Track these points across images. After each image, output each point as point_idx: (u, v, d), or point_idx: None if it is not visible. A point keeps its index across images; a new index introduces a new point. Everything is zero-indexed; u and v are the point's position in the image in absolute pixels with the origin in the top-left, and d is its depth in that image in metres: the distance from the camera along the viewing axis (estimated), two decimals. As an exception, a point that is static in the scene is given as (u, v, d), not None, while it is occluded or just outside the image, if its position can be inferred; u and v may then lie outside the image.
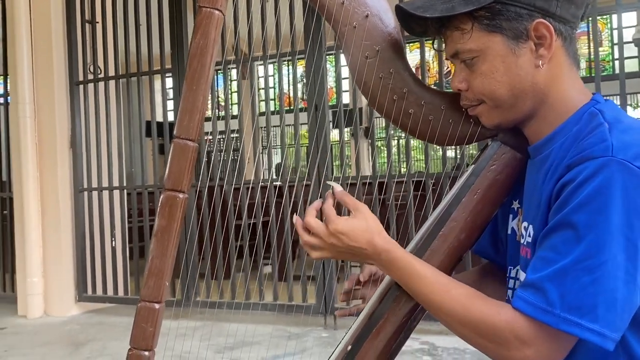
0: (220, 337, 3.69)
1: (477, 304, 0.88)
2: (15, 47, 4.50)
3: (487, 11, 0.91)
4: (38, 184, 4.50)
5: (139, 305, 1.03)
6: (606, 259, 0.80)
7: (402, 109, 1.05)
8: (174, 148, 1.04)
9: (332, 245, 0.97)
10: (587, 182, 0.82)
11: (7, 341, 3.81)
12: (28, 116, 4.47)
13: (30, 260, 4.46)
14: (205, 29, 1.04)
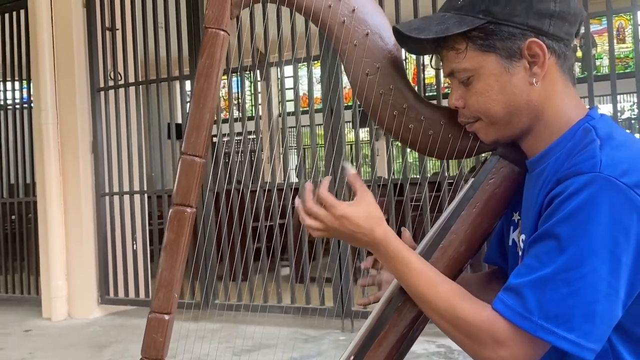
0: (238, 340, 3.74)
1: (459, 302, 0.91)
2: (37, 54, 4.60)
3: (480, 31, 0.94)
4: (61, 188, 4.60)
5: (150, 316, 1.08)
6: (586, 272, 0.82)
7: (403, 124, 1.08)
8: (182, 164, 1.08)
9: (334, 228, 0.99)
10: (573, 196, 0.84)
11: (32, 343, 3.90)
12: (50, 122, 4.56)
13: (54, 264, 4.56)
14: (211, 49, 1.08)
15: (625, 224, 0.83)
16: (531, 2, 0.92)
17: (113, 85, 4.59)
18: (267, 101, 5.30)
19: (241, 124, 4.12)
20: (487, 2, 0.93)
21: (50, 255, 4.57)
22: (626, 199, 0.83)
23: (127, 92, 4.54)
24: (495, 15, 0.93)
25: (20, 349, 3.75)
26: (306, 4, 1.09)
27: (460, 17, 0.95)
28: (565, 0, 0.94)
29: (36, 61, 4.64)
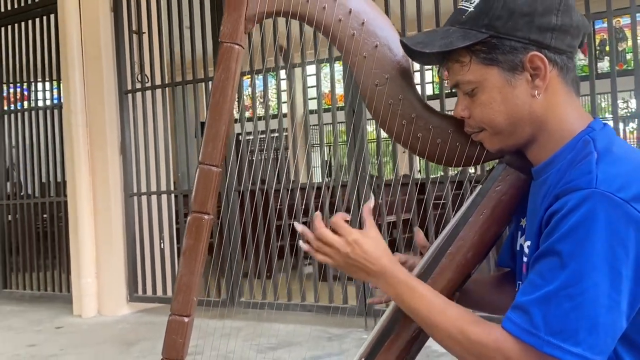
0: (262, 337, 3.80)
1: (469, 325, 0.94)
2: (67, 58, 4.72)
3: (483, 45, 0.96)
4: (91, 189, 4.71)
5: (170, 319, 1.13)
6: (588, 287, 0.84)
7: (411, 133, 1.11)
8: (199, 173, 1.13)
9: (346, 254, 1.03)
10: (571, 213, 0.86)
11: (64, 340, 4.02)
12: (80, 124, 4.68)
13: (84, 262, 4.68)
14: (226, 63, 1.13)
15: (623, 238, 0.85)
16: (533, 16, 0.95)
17: (140, 87, 4.69)
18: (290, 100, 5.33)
19: (265, 122, 4.17)
20: (490, 17, 0.96)
21: (80, 254, 4.69)
22: (623, 213, 0.85)
23: (154, 94, 4.63)
24: (498, 30, 0.96)
25: (51, 346, 3.87)
26: (317, 17, 1.12)
27: (464, 31, 0.98)
28: (567, 14, 0.96)
29: (66, 64, 4.76)
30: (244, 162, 4.87)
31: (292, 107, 5.99)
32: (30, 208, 5.46)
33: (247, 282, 4.31)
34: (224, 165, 4.27)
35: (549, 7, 0.95)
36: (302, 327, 3.92)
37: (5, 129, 5.65)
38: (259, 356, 3.43)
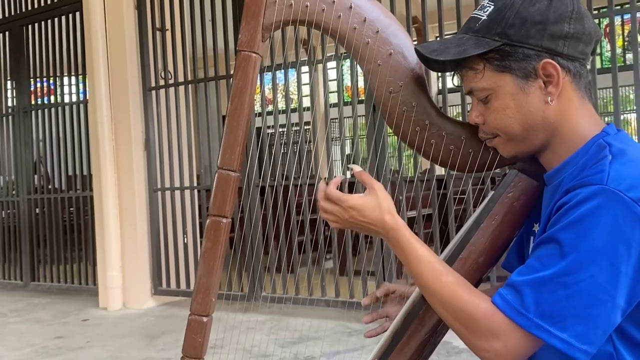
0: (284, 332, 3.85)
1: (461, 292, 0.97)
2: (92, 55, 4.80)
3: (496, 53, 0.98)
4: (116, 184, 4.80)
5: (189, 318, 1.17)
6: (584, 278, 0.87)
7: (425, 140, 1.13)
8: (217, 178, 1.17)
9: (346, 219, 1.07)
10: (579, 205, 0.89)
11: (90, 332, 4.11)
12: (105, 121, 4.76)
13: (110, 255, 4.77)
14: (244, 71, 1.16)
15: (627, 236, 0.86)
16: (545, 24, 0.96)
17: (164, 84, 4.75)
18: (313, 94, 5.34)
19: (286, 116, 4.21)
20: (503, 25, 0.97)
21: (106, 248, 4.79)
22: (630, 212, 0.87)
23: (177, 91, 4.69)
24: (511, 38, 0.97)
25: (78, 338, 3.96)
26: (332, 26, 1.15)
27: (478, 39, 1.00)
28: (579, 22, 0.97)
29: (91, 61, 4.85)
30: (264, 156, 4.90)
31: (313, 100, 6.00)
32: (57, 202, 5.58)
33: (270, 276, 4.36)
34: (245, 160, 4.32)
35: (562, 15, 0.96)
36: (323, 321, 3.96)
37: (33, 124, 5.78)
38: (281, 350, 3.48)
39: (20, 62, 5.83)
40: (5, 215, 6.05)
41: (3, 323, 4.53)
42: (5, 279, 5.98)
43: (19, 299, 5.41)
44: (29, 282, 5.77)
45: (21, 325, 4.42)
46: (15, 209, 5.92)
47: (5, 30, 5.94)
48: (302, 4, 1.15)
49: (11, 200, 5.95)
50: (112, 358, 3.48)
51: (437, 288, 0.99)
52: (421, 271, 1.01)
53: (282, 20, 1.16)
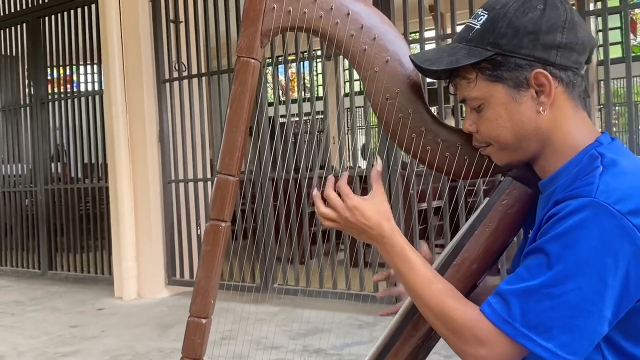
0: (295, 323, 3.88)
1: (449, 300, 0.99)
2: (107, 47, 4.84)
3: (489, 63, 0.98)
4: (130, 175, 4.86)
5: (189, 320, 1.19)
6: (570, 289, 0.88)
7: (421, 146, 1.14)
8: (217, 182, 1.19)
9: (345, 218, 1.07)
10: (567, 217, 0.89)
11: (105, 322, 4.19)
12: (120, 113, 4.81)
13: (125, 246, 4.84)
14: (242, 76, 1.18)
15: (614, 248, 0.87)
16: (537, 34, 0.96)
17: (178, 76, 4.78)
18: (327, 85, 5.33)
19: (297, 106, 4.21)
20: (495, 35, 0.98)
21: (121, 238, 4.85)
22: (617, 225, 0.87)
23: (191, 83, 4.72)
24: (503, 48, 0.97)
25: (93, 327, 4.03)
26: (330, 32, 1.16)
27: (470, 49, 1.00)
28: (572, 32, 0.97)
29: (106, 54, 4.89)
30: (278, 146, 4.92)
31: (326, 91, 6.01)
32: (74, 192, 5.66)
33: (281, 267, 4.40)
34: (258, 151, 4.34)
35: (554, 25, 0.97)
36: (334, 314, 3.99)
37: (50, 115, 5.85)
38: (291, 342, 3.51)
39: (37, 53, 5.90)
40: (23, 204, 6.15)
41: (21, 311, 4.62)
42: (24, 268, 6.09)
43: (37, 287, 5.52)
44: (46, 270, 5.88)
45: (38, 314, 4.50)
46: (33, 198, 6.02)
47: (22, 22, 6.01)
48: (300, 11, 1.16)
49: (29, 190, 6.05)
50: (126, 348, 3.54)
51: (427, 295, 1.01)
52: (413, 278, 1.03)
53: (280, 27, 1.17)
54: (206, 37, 4.66)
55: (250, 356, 3.24)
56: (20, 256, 6.15)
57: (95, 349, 3.54)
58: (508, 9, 0.98)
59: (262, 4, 1.16)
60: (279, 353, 3.30)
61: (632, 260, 0.88)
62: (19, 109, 6.15)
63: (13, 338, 3.86)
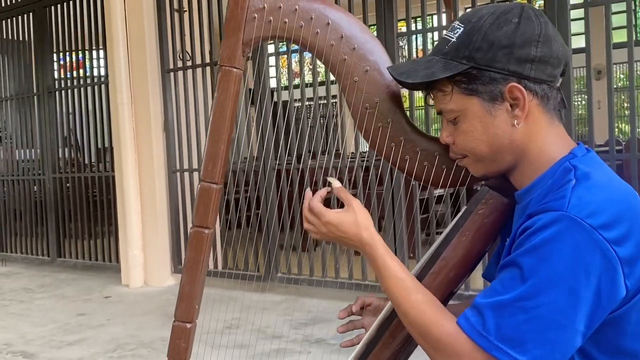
0: (298, 313, 3.92)
1: (428, 311, 0.99)
2: (112, 37, 4.87)
3: (464, 76, 0.99)
4: (136, 165, 4.90)
5: (174, 324, 1.22)
6: (543, 302, 0.88)
7: (400, 155, 1.15)
8: (200, 190, 1.21)
9: (324, 233, 1.11)
10: (539, 231, 0.90)
11: (111, 310, 4.25)
12: (125, 102, 4.84)
13: (131, 235, 4.90)
14: (225, 85, 1.19)
15: (586, 262, 0.88)
16: (512, 48, 0.96)
17: (182, 66, 4.80)
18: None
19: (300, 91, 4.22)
20: (470, 48, 0.98)
21: (127, 227, 4.91)
22: (589, 239, 0.88)
23: (195, 73, 4.73)
24: (478, 62, 0.98)
25: (99, 315, 4.10)
26: (310, 42, 1.16)
27: (446, 62, 1.01)
28: (547, 45, 0.97)
29: (111, 43, 4.91)
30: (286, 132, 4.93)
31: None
32: (81, 181, 5.71)
33: (284, 256, 4.43)
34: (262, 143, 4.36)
35: (529, 39, 0.97)
36: (336, 303, 4.02)
37: (57, 104, 5.90)
38: (293, 332, 3.56)
39: (44, 42, 5.93)
40: (32, 191, 6.22)
41: (30, 299, 4.71)
42: (33, 255, 6.18)
43: (46, 274, 5.61)
44: (55, 257, 5.96)
45: (47, 302, 4.58)
46: (41, 186, 6.09)
47: (29, 11, 6.04)
48: (281, 21, 1.16)
49: (37, 178, 6.12)
50: (130, 337, 3.60)
51: (405, 305, 1.02)
52: (393, 287, 1.04)
53: (262, 36, 1.18)
54: (210, 27, 4.66)
55: (253, 345, 3.28)
56: (30, 243, 6.23)
57: (100, 338, 3.60)
58: (483, 23, 0.98)
59: (243, 14, 1.17)
60: (280, 343, 3.35)
61: (604, 274, 0.89)
62: (26, 98, 6.20)
63: (21, 326, 3.94)
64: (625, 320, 0.94)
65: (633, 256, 0.90)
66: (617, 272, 0.89)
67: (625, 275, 0.90)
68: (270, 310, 4.04)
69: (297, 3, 1.16)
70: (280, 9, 1.16)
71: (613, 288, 0.89)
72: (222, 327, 3.64)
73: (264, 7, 1.16)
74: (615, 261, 0.89)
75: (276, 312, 3.99)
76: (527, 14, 0.98)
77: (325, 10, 1.16)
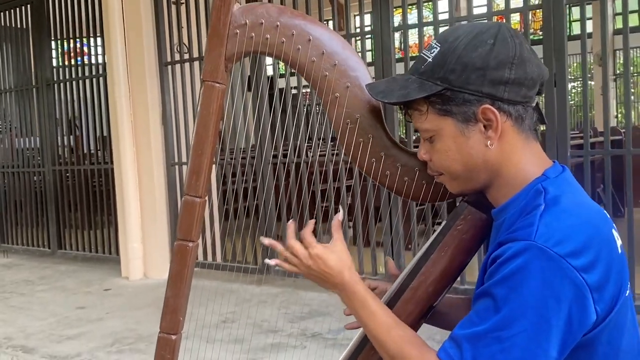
0: (295, 306, 3.95)
1: (408, 347, 1.01)
2: (109, 29, 4.86)
3: (438, 97, 1.00)
4: (134, 158, 4.91)
5: (159, 336, 1.24)
6: (516, 332, 0.90)
7: (380, 170, 1.16)
8: (184, 204, 1.22)
9: (308, 266, 1.10)
10: (508, 261, 0.92)
11: (110, 303, 4.29)
12: (123, 95, 4.85)
13: (130, 228, 4.93)
14: (207, 101, 1.20)
15: (556, 290, 0.89)
16: (485, 70, 0.97)
17: (180, 59, 4.80)
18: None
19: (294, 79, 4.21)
20: (444, 70, 0.99)
21: (126, 220, 4.94)
22: (557, 267, 0.89)
23: (192, 66, 4.73)
24: (452, 83, 0.98)
25: (99, 309, 4.14)
26: (292, 57, 1.17)
27: (421, 82, 1.01)
28: (521, 67, 0.98)
29: (108, 36, 4.91)
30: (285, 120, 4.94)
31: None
32: (81, 173, 5.74)
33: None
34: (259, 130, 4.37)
35: (503, 61, 0.97)
36: (333, 296, 4.00)
37: (56, 96, 5.91)
38: (289, 326, 3.59)
39: (42, 35, 5.93)
40: (32, 183, 6.25)
41: (30, 291, 4.75)
42: (34, 246, 6.23)
43: (47, 266, 5.65)
44: (56, 249, 6.00)
45: (47, 294, 4.62)
46: (41, 177, 6.12)
47: (27, 3, 6.03)
48: (263, 36, 1.17)
49: (37, 170, 6.15)
50: (129, 330, 3.64)
51: (387, 341, 1.03)
52: (373, 324, 1.05)
53: (244, 51, 1.19)
54: (207, 19, 4.65)
55: (247, 340, 3.32)
56: (31, 235, 6.28)
57: (99, 332, 3.64)
58: (458, 44, 0.99)
59: (225, 29, 1.18)
60: (276, 337, 3.38)
61: (574, 301, 0.90)
62: (25, 90, 6.21)
63: (22, 320, 3.98)
64: (597, 342, 0.95)
65: (601, 281, 0.92)
66: (586, 299, 0.90)
67: (595, 300, 0.91)
68: (267, 303, 4.07)
69: (279, 19, 1.17)
70: (262, 25, 1.17)
71: (584, 314, 0.91)
72: (219, 321, 3.67)
73: (246, 23, 1.17)
74: (585, 288, 0.90)
75: (273, 305, 4.02)
76: (503, 35, 0.99)
77: (307, 26, 1.17)
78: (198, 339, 3.38)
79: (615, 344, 0.98)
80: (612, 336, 0.97)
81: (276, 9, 1.19)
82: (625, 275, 1.00)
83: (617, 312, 0.96)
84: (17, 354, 3.36)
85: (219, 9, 1.18)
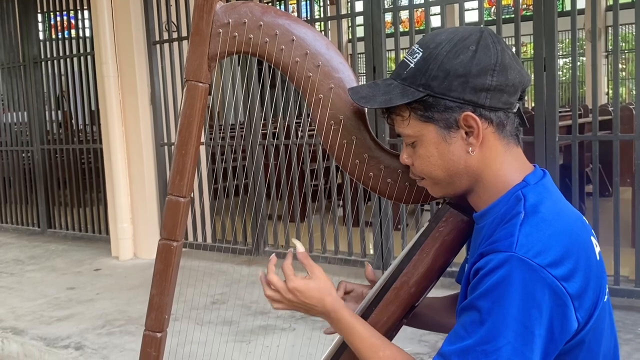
0: (284, 287, 3.97)
1: None
2: (97, 9, 4.78)
3: (420, 104, 1.00)
4: (124, 138, 4.89)
5: (144, 333, 1.25)
6: (501, 345, 0.91)
7: (364, 172, 1.17)
8: (167, 204, 1.22)
9: (289, 300, 1.13)
10: (491, 273, 0.93)
11: (101, 283, 4.31)
12: (112, 75, 4.80)
13: (120, 208, 4.92)
14: (191, 100, 1.20)
15: (538, 300, 0.91)
16: (467, 77, 0.97)
17: (168, 38, 4.75)
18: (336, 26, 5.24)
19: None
20: (426, 76, 0.99)
21: (116, 200, 4.93)
22: (538, 278, 0.90)
23: (181, 45, 4.69)
24: (434, 90, 0.98)
25: (89, 289, 4.15)
26: (275, 58, 1.17)
27: (404, 88, 1.01)
28: (503, 74, 0.98)
29: (96, 15, 4.84)
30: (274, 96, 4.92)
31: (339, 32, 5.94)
32: (69, 153, 5.71)
33: (273, 227, 4.47)
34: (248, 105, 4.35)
35: (484, 68, 0.97)
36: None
37: (43, 72, 5.85)
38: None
39: (28, 7, 5.85)
40: (21, 160, 6.22)
41: (20, 271, 4.75)
42: (24, 225, 6.22)
43: (37, 245, 5.65)
44: (46, 228, 6.00)
45: (37, 274, 4.63)
46: (30, 155, 6.08)
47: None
48: (246, 36, 1.16)
49: (25, 149, 6.11)
50: (119, 312, 3.66)
51: None
52: (362, 347, 1.07)
53: (227, 51, 1.18)
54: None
55: (235, 322, 3.35)
56: (21, 213, 6.26)
57: (89, 313, 3.66)
58: (440, 50, 0.99)
59: (208, 29, 1.17)
60: (265, 319, 3.41)
61: (555, 310, 0.92)
62: (12, 68, 6.13)
63: (11, 300, 3.99)
64: (578, 348, 0.97)
65: (582, 289, 0.93)
66: (568, 308, 0.92)
67: (576, 308, 0.93)
68: (257, 284, 4.04)
69: (262, 19, 1.16)
70: (245, 25, 1.16)
71: (565, 323, 0.92)
72: (209, 302, 3.70)
73: (229, 23, 1.16)
74: (566, 297, 0.91)
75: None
76: (485, 41, 0.99)
77: (291, 26, 1.16)
78: (187, 321, 3.42)
79: (595, 349, 1.00)
80: (592, 341, 0.99)
81: (260, 8, 1.18)
82: (603, 281, 1.01)
83: (597, 318, 0.98)
84: (7, 335, 3.38)
85: (201, 7, 1.17)
